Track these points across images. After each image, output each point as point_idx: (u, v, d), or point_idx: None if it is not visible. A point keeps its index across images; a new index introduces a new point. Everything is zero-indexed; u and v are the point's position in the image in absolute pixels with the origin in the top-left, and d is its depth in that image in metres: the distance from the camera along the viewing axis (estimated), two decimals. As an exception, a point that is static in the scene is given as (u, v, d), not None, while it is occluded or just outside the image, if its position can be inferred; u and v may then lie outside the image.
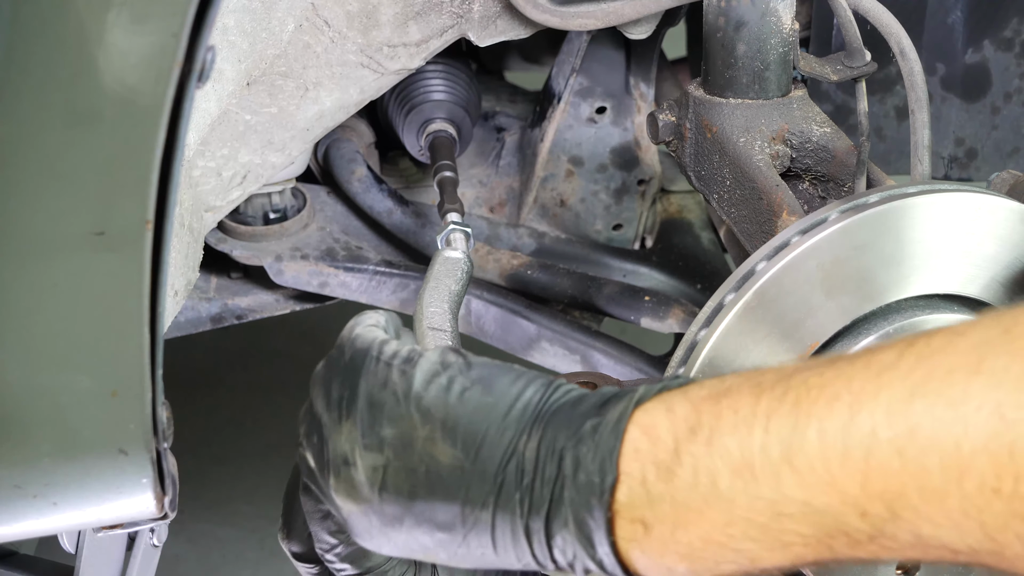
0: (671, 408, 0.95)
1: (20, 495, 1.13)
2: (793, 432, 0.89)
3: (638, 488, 0.94)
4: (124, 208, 1.04)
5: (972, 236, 1.23)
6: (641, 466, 0.94)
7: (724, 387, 0.95)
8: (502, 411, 1.00)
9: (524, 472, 0.98)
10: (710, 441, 0.92)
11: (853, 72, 1.43)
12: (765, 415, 0.91)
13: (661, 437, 0.94)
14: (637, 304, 1.82)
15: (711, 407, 0.93)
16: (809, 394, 0.90)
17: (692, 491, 0.92)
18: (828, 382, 0.90)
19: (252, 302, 1.86)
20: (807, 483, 0.88)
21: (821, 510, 0.89)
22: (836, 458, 0.88)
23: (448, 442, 1.00)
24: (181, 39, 0.99)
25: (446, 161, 1.72)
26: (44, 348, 1.09)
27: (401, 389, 1.03)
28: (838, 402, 0.88)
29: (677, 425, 0.94)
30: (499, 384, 1.02)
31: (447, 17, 1.64)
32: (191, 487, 1.61)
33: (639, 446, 0.95)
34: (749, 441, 0.90)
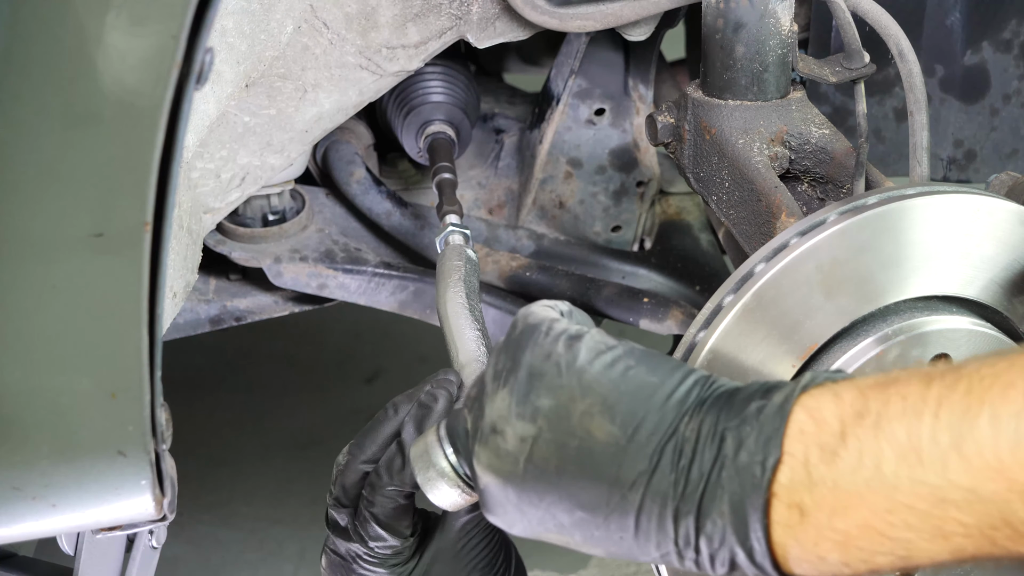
0: (838, 393, 0.95)
1: (19, 497, 1.13)
2: (964, 419, 0.89)
3: (800, 470, 0.93)
4: (123, 210, 1.04)
5: (971, 238, 1.23)
6: (805, 447, 0.94)
7: (892, 376, 0.94)
8: (666, 392, 1.00)
9: (682, 453, 0.97)
10: (877, 425, 0.92)
11: (852, 74, 1.43)
12: (936, 402, 0.90)
13: (827, 420, 0.94)
14: (636, 306, 1.82)
15: (879, 393, 0.93)
16: (982, 382, 0.89)
17: (855, 475, 0.92)
18: (1002, 371, 0.89)
19: (251, 304, 1.86)
20: (975, 469, 0.88)
21: (987, 498, 0.88)
22: (1007, 445, 0.87)
23: (607, 417, 0.99)
24: (180, 41, 0.99)
25: (445, 163, 1.72)
26: (43, 350, 1.09)
27: (565, 361, 1.03)
28: (1013, 390, 0.88)
29: (844, 409, 0.94)
30: (663, 367, 1.02)
31: (446, 19, 1.64)
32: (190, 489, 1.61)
33: (804, 428, 0.94)
34: (918, 427, 0.90)
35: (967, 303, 1.27)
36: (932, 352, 1.24)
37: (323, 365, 3.04)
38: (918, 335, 1.23)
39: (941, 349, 1.24)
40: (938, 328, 1.24)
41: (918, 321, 1.24)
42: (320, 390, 2.97)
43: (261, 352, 3.12)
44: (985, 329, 1.26)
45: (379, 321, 2.17)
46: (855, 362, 1.22)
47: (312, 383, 3.01)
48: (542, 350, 1.04)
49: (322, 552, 1.32)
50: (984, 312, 1.28)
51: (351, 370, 3.02)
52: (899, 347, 1.23)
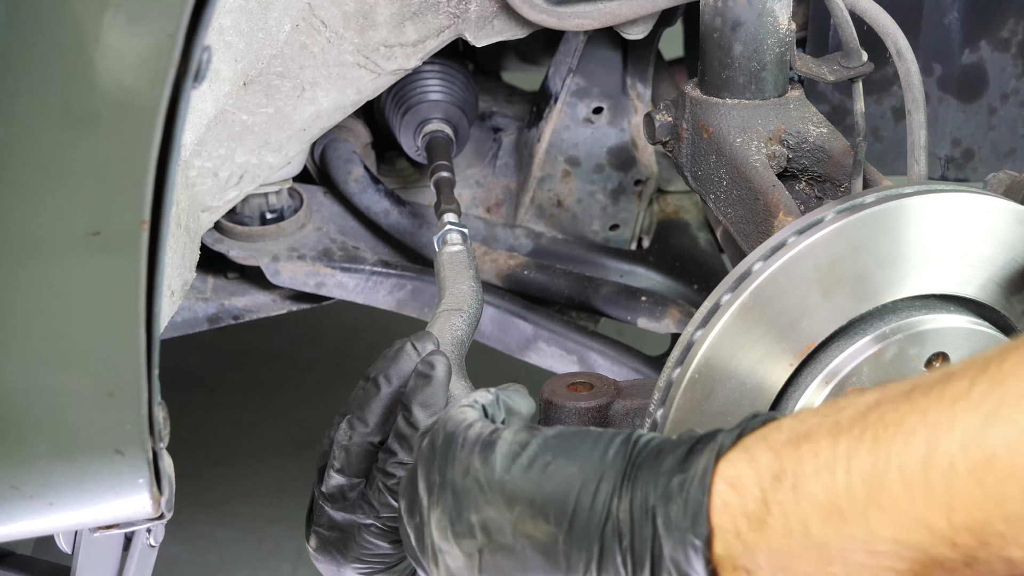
0: (753, 458, 0.96)
1: (17, 495, 1.13)
2: (874, 471, 0.90)
3: (733, 540, 0.95)
4: (120, 208, 1.04)
5: (968, 237, 1.23)
6: (732, 519, 0.95)
7: (804, 430, 0.95)
8: (588, 477, 1.02)
9: (622, 534, 0.99)
10: (795, 487, 0.93)
11: (850, 72, 1.44)
12: (846, 456, 0.91)
13: (747, 488, 0.95)
14: (634, 304, 1.82)
15: (792, 452, 0.94)
16: (887, 431, 0.90)
17: (786, 538, 0.93)
18: (904, 417, 0.90)
19: (249, 302, 1.86)
20: (895, 521, 0.89)
21: (913, 546, 0.89)
22: (920, 494, 0.88)
23: (540, 519, 1.02)
24: (177, 39, 0.99)
25: (443, 161, 1.72)
26: (40, 349, 1.09)
27: (484, 476, 1.05)
28: (915, 437, 0.89)
29: (762, 474, 0.95)
30: (580, 450, 1.03)
31: (444, 17, 1.64)
32: (188, 487, 1.61)
33: (727, 499, 0.96)
34: (833, 484, 0.91)
35: (965, 302, 1.27)
36: (929, 351, 1.24)
37: (321, 364, 3.04)
38: (916, 334, 1.23)
39: (938, 348, 1.24)
40: (935, 327, 1.24)
41: (916, 320, 1.24)
42: (318, 389, 2.97)
43: (259, 351, 3.12)
44: (983, 328, 1.26)
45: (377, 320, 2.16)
46: (852, 361, 1.23)
47: (310, 382, 3.00)
48: (461, 465, 1.07)
49: (309, 534, 1.31)
50: (982, 311, 1.28)
51: (349, 369, 3.02)
52: (896, 346, 1.23)
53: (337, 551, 1.29)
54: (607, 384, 1.41)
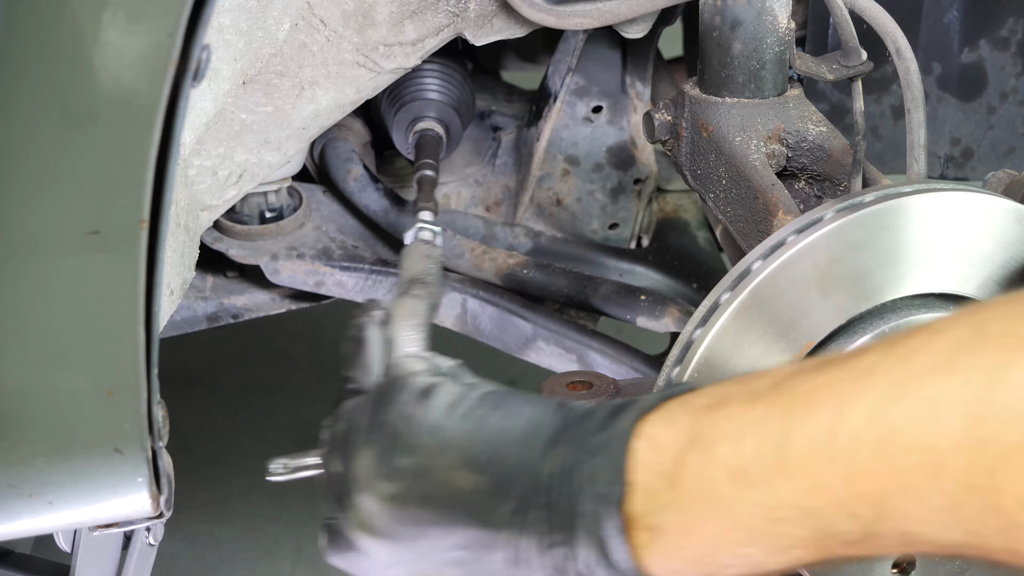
0: (673, 419, 0.98)
1: (16, 494, 1.13)
2: (783, 438, 0.92)
3: (646, 497, 0.97)
4: (119, 207, 1.04)
5: (968, 235, 1.23)
6: (648, 476, 0.97)
7: (723, 395, 0.97)
8: (521, 433, 1.03)
9: (546, 489, 1.00)
10: (709, 449, 0.95)
11: (849, 71, 1.43)
12: (758, 422, 0.93)
13: (664, 447, 0.97)
14: (633, 303, 1.82)
15: (708, 416, 0.96)
16: (798, 400, 0.92)
17: (695, 499, 0.95)
18: (816, 387, 0.92)
19: (248, 301, 1.86)
20: (798, 487, 0.91)
21: (813, 513, 0.91)
22: (823, 462, 0.90)
23: (469, 468, 1.03)
24: (176, 38, 0.99)
25: (428, 160, 1.73)
26: (39, 348, 1.09)
27: (420, 419, 1.06)
28: (824, 407, 0.91)
29: (679, 435, 0.97)
30: (517, 408, 1.05)
31: (443, 16, 1.64)
32: (187, 486, 1.60)
33: (645, 457, 0.97)
34: (743, 448, 0.93)
35: (964, 301, 1.27)
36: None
37: (320, 362, 3.04)
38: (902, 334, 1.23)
39: (938, 347, 1.24)
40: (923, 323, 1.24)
41: (915, 319, 1.24)
42: (317, 387, 2.97)
43: (258, 349, 3.12)
44: (982, 327, 1.26)
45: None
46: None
47: (309, 380, 3.00)
48: (399, 409, 1.08)
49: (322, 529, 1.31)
50: (971, 307, 1.28)
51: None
52: (896, 345, 1.23)
53: None
54: (606, 383, 1.41)
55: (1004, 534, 0.85)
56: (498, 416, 1.05)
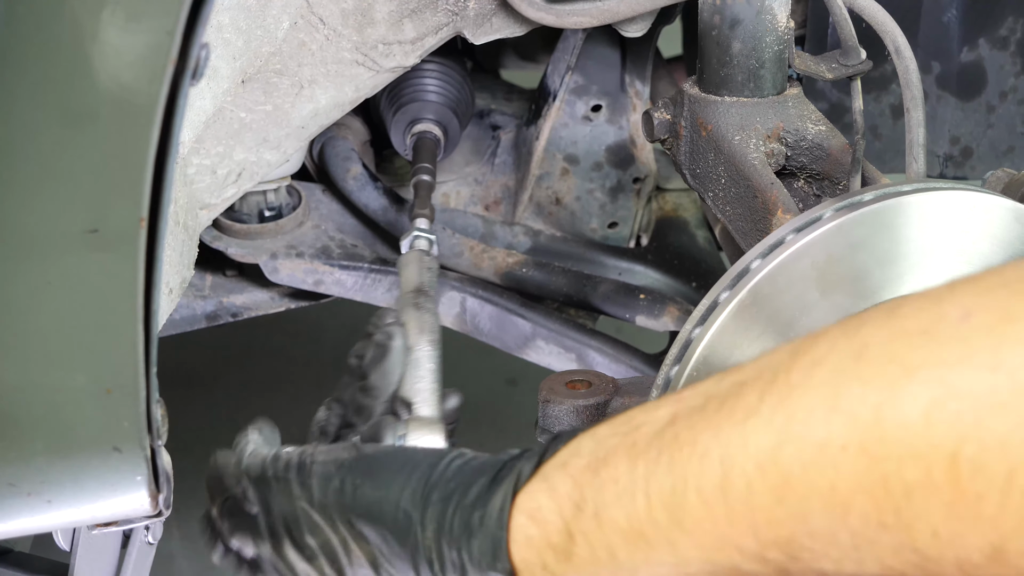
0: (553, 487, 0.94)
1: (15, 493, 1.13)
2: (673, 495, 0.88)
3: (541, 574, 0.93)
4: (118, 206, 1.04)
5: (967, 235, 1.23)
6: (537, 552, 0.94)
7: (602, 453, 0.93)
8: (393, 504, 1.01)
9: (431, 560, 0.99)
10: (597, 515, 0.91)
11: (848, 70, 1.43)
12: (644, 479, 0.89)
13: (548, 519, 0.93)
14: (632, 302, 1.82)
15: (591, 479, 0.92)
16: (682, 452, 0.88)
17: (594, 566, 0.91)
18: (698, 435, 0.88)
19: (247, 300, 1.86)
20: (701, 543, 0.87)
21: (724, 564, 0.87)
22: (721, 515, 0.86)
23: (361, 539, 1.03)
24: (175, 37, 0.99)
25: (425, 164, 1.72)
26: (38, 346, 1.09)
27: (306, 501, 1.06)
28: (709, 457, 0.87)
29: (562, 504, 0.93)
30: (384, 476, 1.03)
31: (442, 15, 1.64)
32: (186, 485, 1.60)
33: (528, 533, 0.94)
34: (635, 510, 0.89)
35: (963, 300, 1.27)
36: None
37: (319, 361, 3.04)
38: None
39: (937, 346, 1.24)
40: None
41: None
42: (316, 386, 2.96)
43: (257, 348, 3.12)
44: (981, 326, 1.26)
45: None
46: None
47: (308, 379, 3.00)
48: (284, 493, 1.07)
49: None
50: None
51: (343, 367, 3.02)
52: (895, 344, 1.23)
53: None
54: (605, 382, 1.41)
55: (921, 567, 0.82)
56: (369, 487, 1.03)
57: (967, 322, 0.80)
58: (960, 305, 0.81)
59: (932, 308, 0.82)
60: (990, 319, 0.79)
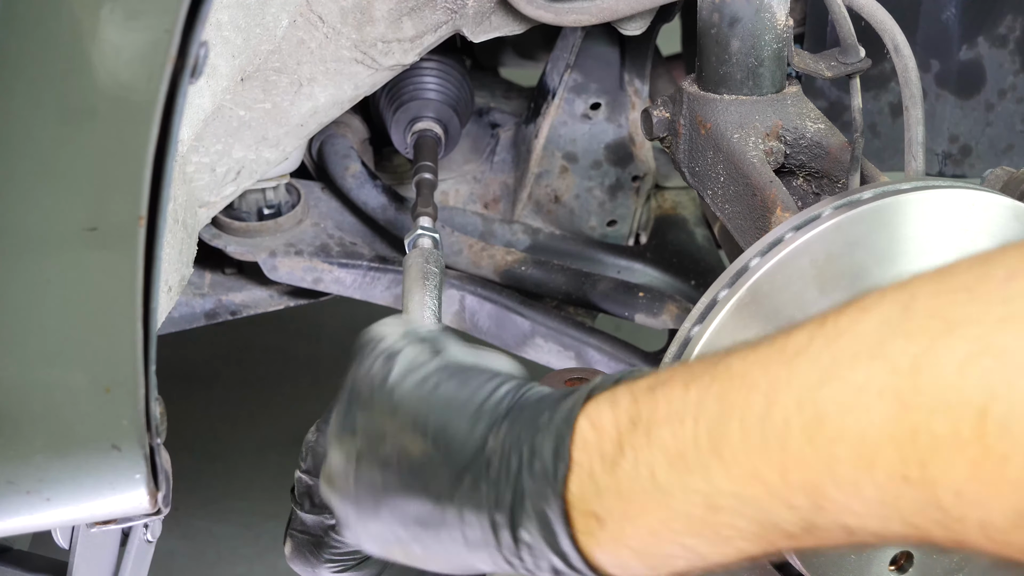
0: (615, 400, 0.95)
1: (13, 491, 1.13)
2: (719, 423, 0.89)
3: (587, 480, 0.94)
4: (117, 204, 1.04)
5: (966, 233, 1.23)
6: (589, 457, 0.94)
7: (664, 377, 0.95)
8: (474, 406, 1.00)
9: (490, 465, 0.98)
10: (648, 432, 0.92)
11: (847, 69, 1.43)
12: (695, 404, 0.91)
13: (606, 428, 0.95)
14: (631, 300, 1.82)
15: (648, 398, 0.93)
16: (732, 383, 0.89)
17: (634, 483, 0.92)
18: (748, 369, 0.89)
19: (246, 298, 1.86)
20: (734, 475, 0.88)
21: (751, 502, 0.88)
22: (756, 449, 0.87)
23: (419, 434, 1.01)
24: (174, 35, 0.99)
25: (427, 162, 1.72)
26: (37, 344, 1.09)
27: (378, 379, 1.04)
28: (755, 390, 0.88)
29: (620, 417, 0.94)
30: (474, 381, 1.02)
31: (441, 13, 1.64)
32: (185, 483, 1.60)
33: (587, 437, 0.95)
34: (682, 432, 0.90)
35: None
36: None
37: (318, 359, 3.04)
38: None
39: (936, 344, 1.24)
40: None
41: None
42: (315, 384, 2.97)
43: (256, 346, 3.12)
44: (980, 324, 1.26)
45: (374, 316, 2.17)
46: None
47: (307, 377, 3.00)
48: (363, 368, 1.06)
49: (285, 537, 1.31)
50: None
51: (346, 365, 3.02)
52: (894, 342, 1.23)
53: (310, 553, 1.28)
54: (604, 380, 1.41)
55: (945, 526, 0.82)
56: (452, 386, 1.02)
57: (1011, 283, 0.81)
58: (1007, 266, 0.82)
59: (979, 267, 0.84)
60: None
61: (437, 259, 1.53)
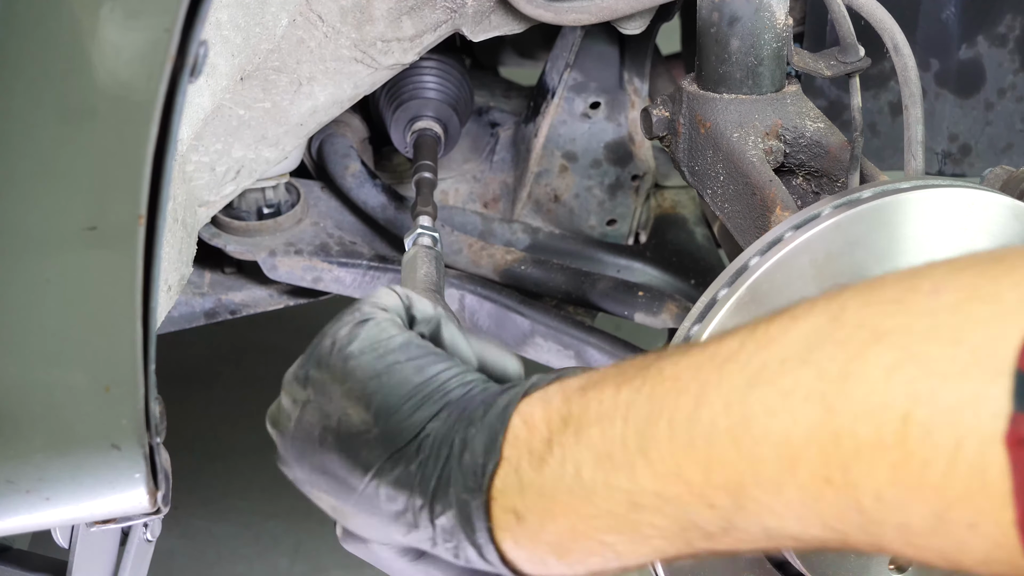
0: (548, 398, 0.98)
1: (13, 490, 1.13)
2: (647, 424, 0.91)
3: (512, 475, 0.96)
4: (117, 203, 1.04)
5: (965, 232, 1.23)
6: (518, 453, 0.96)
7: (596, 377, 0.97)
8: (422, 394, 1.02)
9: (421, 448, 1.00)
10: (578, 431, 0.94)
11: (847, 68, 1.43)
12: (625, 405, 0.92)
13: (537, 426, 0.96)
14: (631, 299, 1.82)
15: (580, 398, 0.95)
16: (663, 384, 0.91)
17: (559, 481, 0.94)
18: (680, 372, 0.91)
19: (246, 297, 1.86)
20: (658, 473, 0.90)
21: (672, 501, 0.90)
22: (682, 449, 0.89)
23: (362, 404, 1.03)
24: (174, 34, 0.99)
25: (426, 161, 1.72)
26: (37, 344, 1.09)
27: (341, 343, 1.06)
28: (685, 394, 0.90)
29: (551, 415, 0.96)
30: (429, 369, 1.04)
31: (441, 12, 1.64)
32: (185, 482, 1.61)
33: (519, 433, 0.97)
34: (611, 431, 0.92)
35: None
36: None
37: (318, 359, 3.04)
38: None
39: (935, 343, 1.24)
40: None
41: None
42: (315, 384, 2.97)
43: (256, 346, 3.12)
44: (979, 323, 1.26)
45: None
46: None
47: (307, 377, 3.00)
48: (335, 326, 1.09)
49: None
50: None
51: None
52: (893, 341, 1.23)
53: None
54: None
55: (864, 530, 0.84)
56: (409, 368, 1.03)
57: (936, 297, 0.83)
58: (933, 280, 0.84)
59: (907, 281, 0.86)
60: (958, 296, 0.82)
61: (437, 257, 1.53)
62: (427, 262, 1.50)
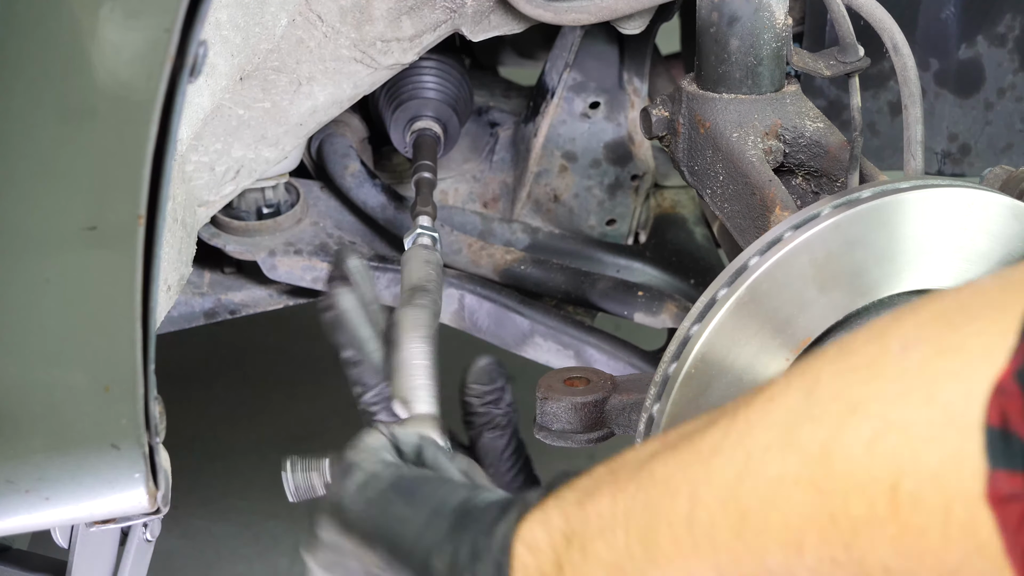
0: (547, 519, 0.97)
1: (13, 490, 1.13)
2: (648, 531, 0.91)
3: None
4: (116, 203, 1.04)
5: (965, 232, 1.23)
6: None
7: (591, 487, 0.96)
8: (419, 524, 1.04)
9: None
10: (583, 548, 0.94)
11: (846, 67, 1.43)
12: (624, 515, 0.92)
13: (542, 549, 0.97)
14: (630, 299, 1.82)
15: (579, 513, 0.96)
16: (656, 489, 0.91)
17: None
18: (670, 473, 0.91)
19: (245, 297, 1.86)
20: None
21: None
22: (689, 551, 0.89)
23: (372, 551, 1.05)
24: (173, 34, 0.99)
25: (426, 161, 1.72)
26: (37, 344, 1.09)
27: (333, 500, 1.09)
28: (679, 495, 0.90)
29: (554, 536, 0.96)
30: (420, 495, 1.06)
31: (440, 12, 1.64)
32: (185, 482, 1.61)
33: (526, 561, 0.97)
34: (615, 543, 0.92)
35: (961, 297, 1.27)
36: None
37: (318, 358, 3.04)
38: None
39: (935, 343, 1.24)
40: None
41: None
42: (315, 383, 2.97)
43: (256, 345, 3.12)
44: (979, 323, 1.26)
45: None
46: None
47: (307, 376, 3.00)
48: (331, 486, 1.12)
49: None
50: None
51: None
52: (893, 341, 1.23)
53: None
54: (603, 379, 1.41)
55: None
56: (400, 506, 1.05)
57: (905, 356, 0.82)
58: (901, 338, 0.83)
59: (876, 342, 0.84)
60: (926, 352, 0.81)
61: (436, 258, 1.53)
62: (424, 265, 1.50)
